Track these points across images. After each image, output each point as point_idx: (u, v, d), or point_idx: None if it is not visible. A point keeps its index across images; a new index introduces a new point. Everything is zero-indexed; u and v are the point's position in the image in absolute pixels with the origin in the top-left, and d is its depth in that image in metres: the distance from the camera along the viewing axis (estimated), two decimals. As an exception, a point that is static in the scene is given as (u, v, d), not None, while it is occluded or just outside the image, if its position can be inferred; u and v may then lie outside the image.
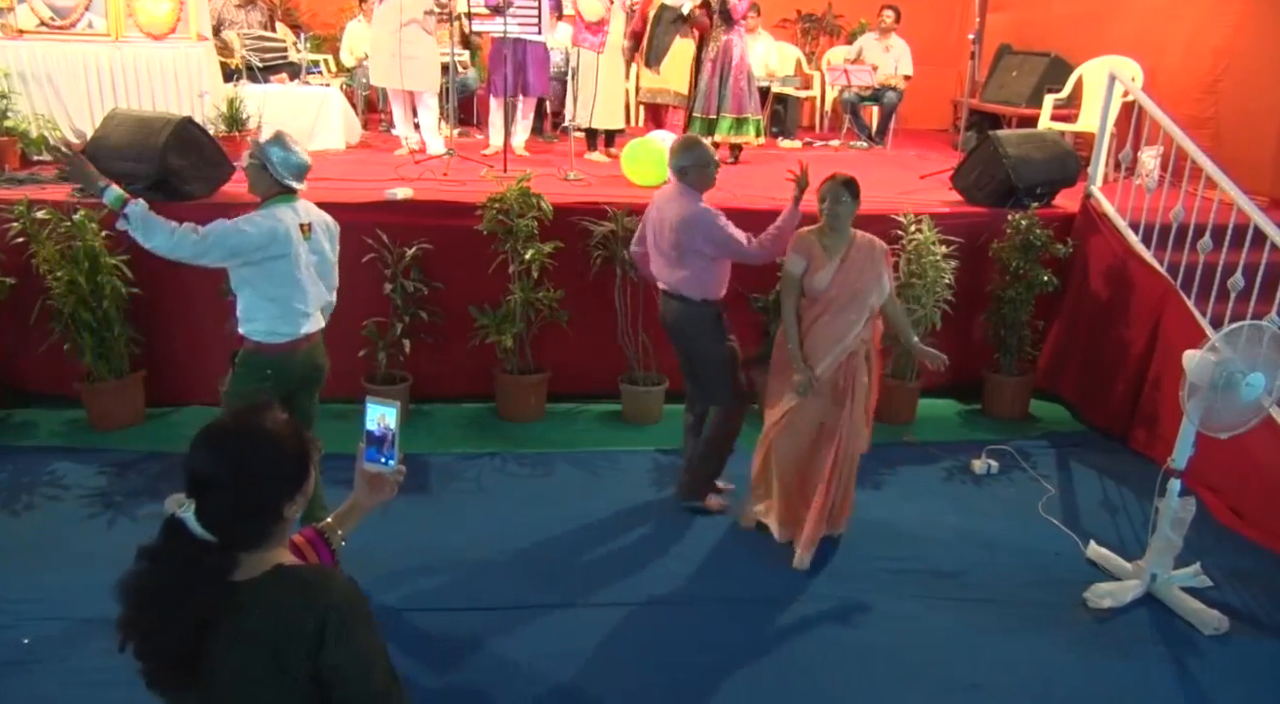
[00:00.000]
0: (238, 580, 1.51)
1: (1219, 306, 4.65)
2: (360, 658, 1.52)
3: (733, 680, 3.19)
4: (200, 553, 1.48)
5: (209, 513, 1.50)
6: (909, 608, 3.62)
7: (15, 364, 4.97)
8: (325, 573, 1.59)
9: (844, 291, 3.78)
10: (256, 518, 1.54)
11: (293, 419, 1.63)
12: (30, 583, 3.53)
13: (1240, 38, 6.61)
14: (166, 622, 1.46)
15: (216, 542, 1.50)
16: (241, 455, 1.53)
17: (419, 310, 4.93)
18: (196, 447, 1.55)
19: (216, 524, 1.50)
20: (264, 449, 1.55)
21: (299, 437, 1.61)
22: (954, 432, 5.31)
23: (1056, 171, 5.61)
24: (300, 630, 1.48)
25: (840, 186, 3.73)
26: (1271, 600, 3.76)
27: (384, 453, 1.79)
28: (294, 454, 1.58)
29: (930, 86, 9.62)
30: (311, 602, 1.50)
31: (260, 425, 1.57)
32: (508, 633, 3.37)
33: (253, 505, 1.53)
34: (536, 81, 6.86)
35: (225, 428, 1.58)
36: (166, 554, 1.49)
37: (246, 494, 1.52)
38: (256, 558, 1.54)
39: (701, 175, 3.88)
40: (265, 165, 3.28)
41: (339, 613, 1.50)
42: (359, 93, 8.36)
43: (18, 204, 4.61)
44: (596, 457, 4.77)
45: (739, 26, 6.81)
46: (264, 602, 1.50)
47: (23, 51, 6.09)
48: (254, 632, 1.48)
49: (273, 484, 1.55)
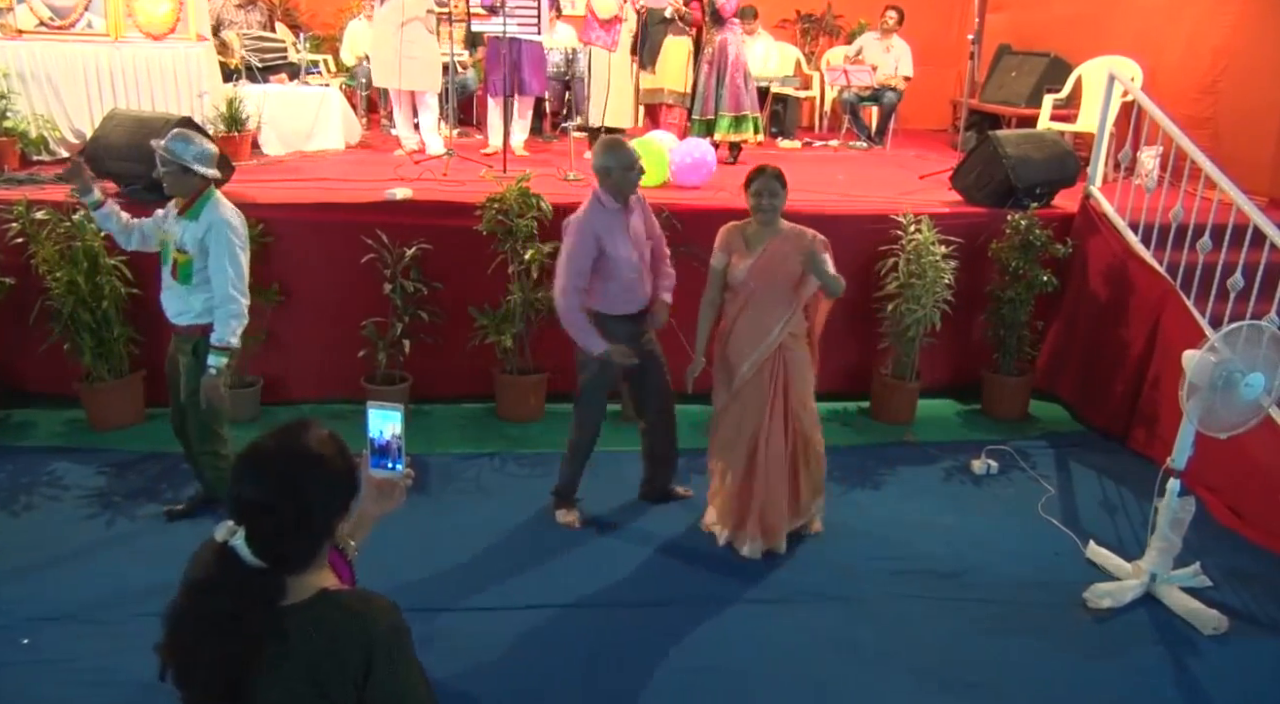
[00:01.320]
0: (284, 606, 1.49)
1: (1218, 306, 4.65)
2: (405, 688, 1.52)
3: (733, 680, 3.19)
4: (252, 580, 1.46)
5: (259, 539, 1.46)
6: (909, 608, 3.62)
7: (15, 364, 4.97)
8: (370, 601, 1.55)
9: (763, 283, 3.73)
10: (309, 540, 1.52)
11: (335, 433, 1.59)
12: (30, 583, 3.53)
13: (1239, 37, 6.61)
14: (214, 651, 1.44)
15: (267, 567, 1.47)
16: (292, 479, 1.50)
17: (419, 310, 4.93)
18: (243, 473, 1.51)
19: (269, 549, 1.47)
20: (314, 471, 1.51)
21: (344, 452, 1.58)
22: (953, 432, 5.31)
23: (1056, 171, 5.61)
24: (347, 661, 1.47)
25: (772, 180, 3.71)
26: (1271, 600, 3.77)
27: (391, 459, 1.74)
28: (343, 472, 1.55)
29: (930, 87, 9.61)
30: (359, 632, 1.49)
31: (307, 446, 1.53)
32: (508, 633, 3.37)
33: (306, 528, 1.50)
34: (533, 81, 6.86)
35: (271, 452, 1.53)
36: (217, 584, 1.46)
37: (299, 518, 1.49)
38: (303, 581, 1.51)
39: (624, 178, 3.69)
40: (185, 167, 3.40)
41: (385, 643, 1.50)
42: (359, 93, 8.36)
43: (17, 204, 4.61)
44: (596, 456, 4.75)
45: (732, 25, 6.82)
46: (311, 630, 1.48)
47: (22, 51, 6.08)
48: (300, 660, 1.46)
49: (325, 505, 1.53)
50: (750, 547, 3.89)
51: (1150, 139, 5.81)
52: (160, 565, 3.63)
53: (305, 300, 5.07)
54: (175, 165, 3.39)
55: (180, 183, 3.45)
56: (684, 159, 5.98)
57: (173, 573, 1.66)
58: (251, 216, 4.83)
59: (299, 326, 5.11)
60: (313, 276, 5.06)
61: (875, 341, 5.36)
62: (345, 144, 7.24)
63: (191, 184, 3.46)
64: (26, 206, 4.59)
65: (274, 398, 5.14)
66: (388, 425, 1.71)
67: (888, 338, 5.30)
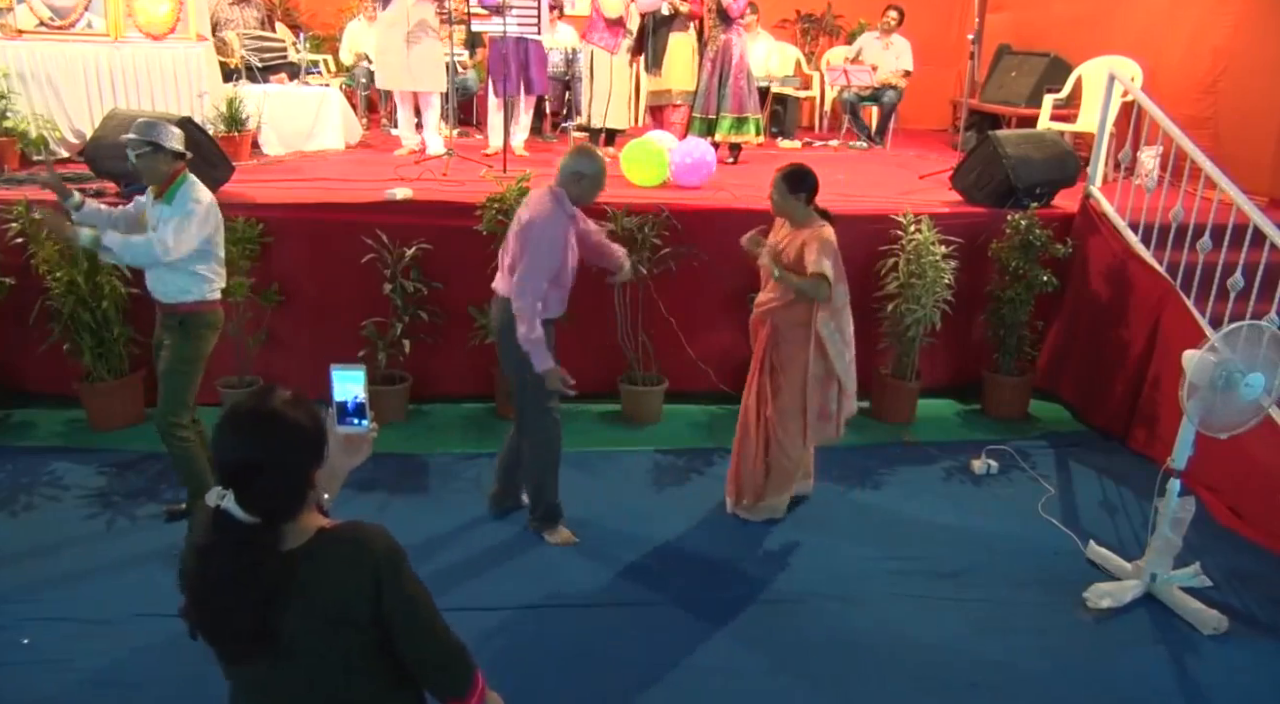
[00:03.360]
0: (287, 550, 1.62)
1: (1218, 306, 4.65)
2: (413, 596, 1.69)
3: (733, 680, 3.19)
4: (251, 534, 1.58)
5: (249, 496, 1.59)
6: (909, 608, 3.62)
7: (15, 364, 4.97)
8: (364, 529, 1.69)
9: (764, 274, 3.99)
10: (293, 490, 1.65)
11: (298, 391, 1.72)
12: (30, 583, 3.53)
13: (1239, 38, 6.61)
14: (236, 602, 1.58)
15: (261, 521, 1.59)
16: (268, 436, 1.63)
17: (419, 310, 4.93)
18: (223, 437, 1.64)
19: (258, 504, 1.60)
20: (286, 426, 1.64)
21: (307, 407, 1.70)
22: (953, 432, 5.32)
23: (1056, 171, 5.61)
24: (359, 585, 1.62)
25: (780, 178, 3.91)
26: (1271, 600, 3.77)
27: (357, 416, 1.83)
28: (311, 425, 1.68)
29: (929, 86, 9.62)
30: (362, 557, 1.64)
31: (275, 406, 1.65)
32: (508, 633, 3.38)
33: (288, 480, 1.63)
34: (536, 80, 6.86)
35: (245, 414, 1.66)
36: (221, 544, 1.59)
37: (280, 471, 1.62)
38: (297, 526, 1.65)
39: (594, 185, 3.64)
40: (155, 146, 3.46)
41: (388, 562, 1.65)
42: (359, 93, 8.36)
43: (17, 204, 4.61)
44: (596, 457, 4.77)
45: (737, 25, 6.82)
46: (319, 565, 1.62)
47: (22, 51, 6.09)
48: (316, 595, 1.60)
49: (301, 456, 1.66)
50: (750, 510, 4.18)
51: (1150, 139, 5.82)
52: (160, 565, 3.66)
53: (305, 300, 5.08)
54: (145, 146, 3.45)
55: (153, 166, 3.51)
56: (684, 159, 5.98)
57: (172, 573, 1.68)
58: (251, 216, 4.87)
59: (299, 326, 5.11)
60: (313, 276, 5.06)
61: (875, 341, 5.35)
62: (345, 144, 7.25)
63: (164, 168, 3.52)
64: (26, 206, 4.59)
65: (274, 398, 5.13)
66: (351, 386, 1.81)
67: (888, 338, 5.30)
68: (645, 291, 5.13)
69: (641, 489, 4.48)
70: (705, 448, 4.88)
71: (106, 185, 5.04)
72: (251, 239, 4.83)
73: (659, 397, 5.23)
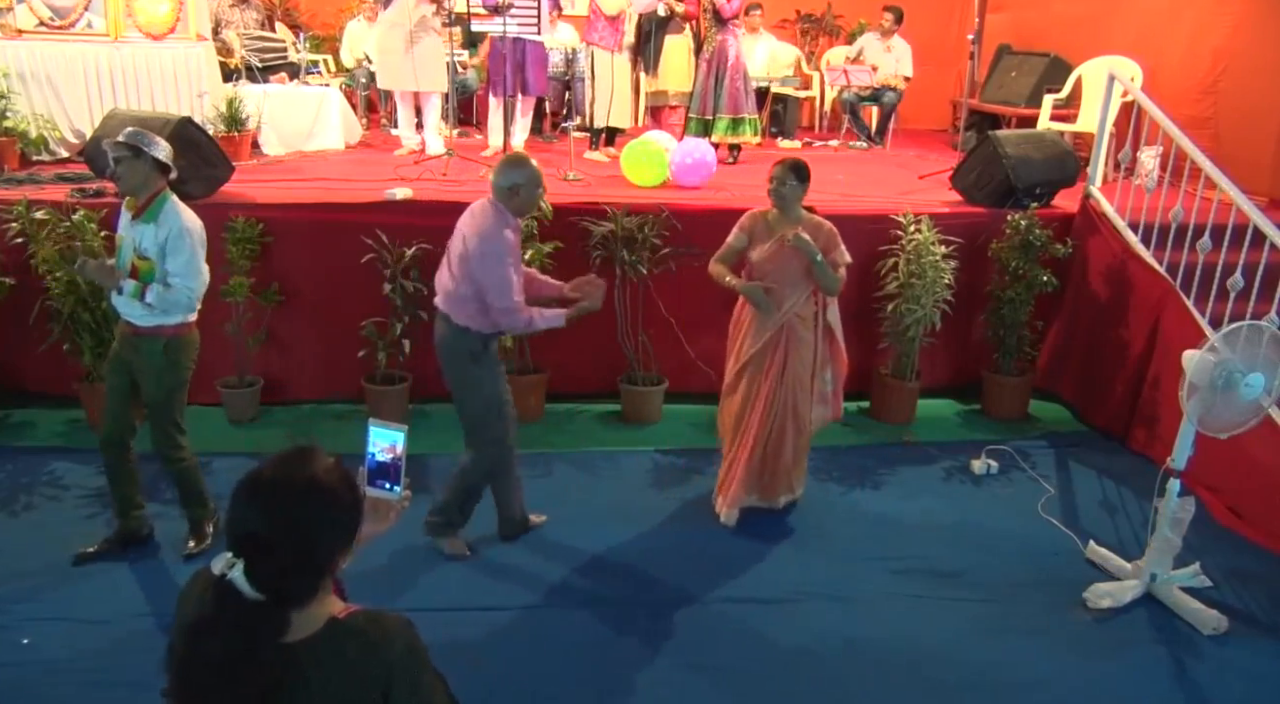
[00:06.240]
0: (295, 641, 1.42)
1: (1218, 306, 4.65)
2: (426, 697, 1.50)
3: (733, 680, 3.19)
4: (255, 616, 1.38)
5: (261, 571, 1.38)
6: (909, 608, 3.62)
7: (15, 364, 4.98)
8: (383, 624, 1.48)
9: (779, 269, 3.92)
10: (313, 572, 1.44)
11: (339, 461, 1.50)
12: (29, 583, 3.53)
13: (1239, 38, 6.61)
14: (227, 695, 1.37)
15: (267, 600, 1.39)
16: (293, 511, 1.41)
17: (419, 310, 4.92)
18: (241, 503, 1.42)
19: (269, 583, 1.39)
20: (317, 503, 1.43)
21: (350, 483, 1.50)
22: (953, 432, 5.31)
23: (1056, 171, 5.61)
24: (368, 689, 1.43)
25: (787, 170, 3.90)
26: (1271, 600, 3.77)
27: (389, 480, 1.68)
28: (348, 505, 1.48)
29: (930, 87, 9.61)
30: (376, 660, 1.44)
31: (311, 475, 1.44)
32: (508, 633, 3.38)
33: (311, 561, 1.42)
34: (535, 81, 6.86)
35: (273, 482, 1.44)
36: (219, 622, 1.37)
37: (300, 553, 1.41)
38: (308, 613, 1.44)
39: (531, 195, 3.53)
40: (137, 151, 3.28)
41: (403, 665, 1.46)
42: (359, 93, 8.36)
43: (17, 204, 4.61)
44: (596, 457, 4.77)
45: (733, 26, 6.82)
46: (326, 662, 1.42)
47: (22, 51, 6.09)
48: (319, 695, 1.41)
49: (328, 539, 1.45)
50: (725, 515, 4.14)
51: (1150, 139, 5.82)
52: (160, 565, 3.66)
53: (305, 300, 5.08)
54: (126, 151, 3.26)
55: (132, 174, 3.30)
56: (684, 159, 5.98)
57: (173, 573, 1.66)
58: (251, 216, 4.87)
59: (299, 326, 5.12)
60: (313, 276, 5.06)
61: (875, 341, 5.36)
62: (345, 144, 7.25)
63: (142, 180, 3.33)
64: (26, 206, 4.59)
65: (274, 398, 5.14)
66: (389, 445, 1.66)
67: (888, 338, 5.30)
68: (645, 291, 5.14)
69: (641, 489, 4.48)
70: (705, 448, 4.87)
71: (106, 185, 5.04)
72: (251, 239, 4.83)
73: (659, 396, 5.23)
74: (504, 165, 3.55)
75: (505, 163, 3.58)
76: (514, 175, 3.48)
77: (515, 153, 4.09)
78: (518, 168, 3.51)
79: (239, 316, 4.87)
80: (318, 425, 5.04)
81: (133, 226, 3.42)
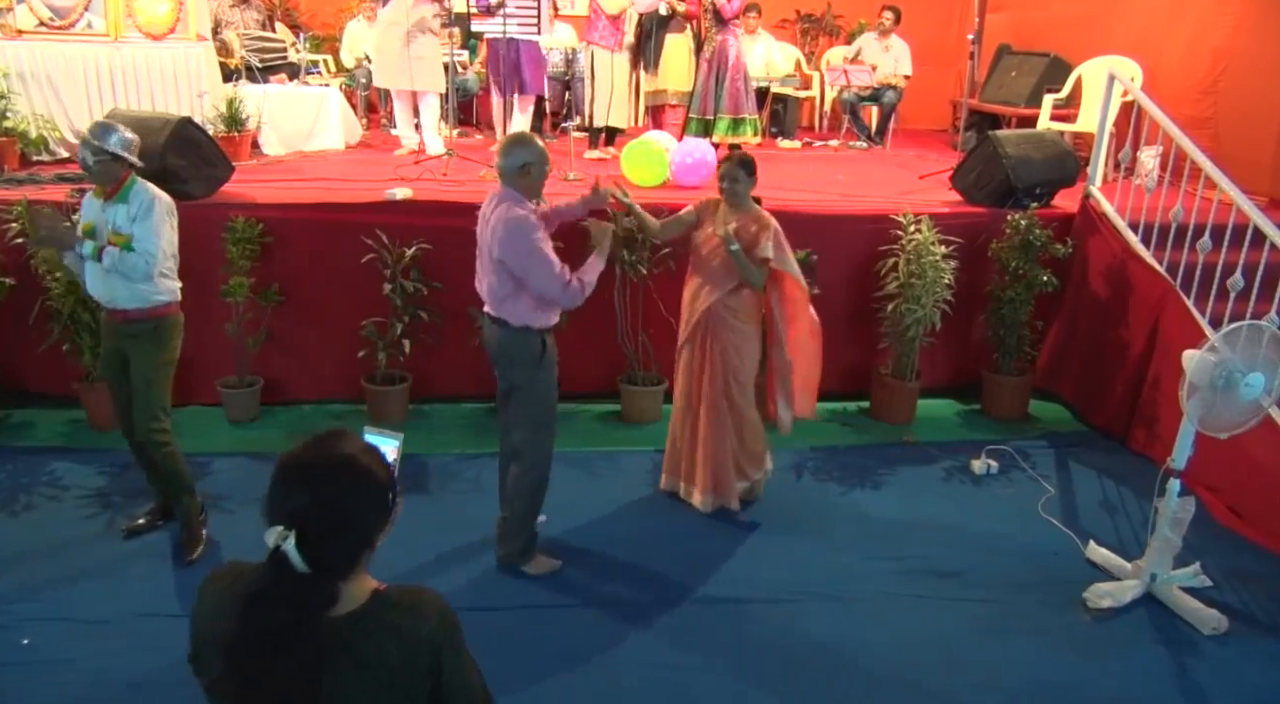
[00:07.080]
0: (343, 614, 1.47)
1: (1218, 306, 4.65)
2: (468, 667, 1.59)
3: (733, 680, 3.19)
4: (308, 589, 1.42)
5: (311, 544, 1.43)
6: (909, 608, 3.62)
7: (15, 364, 4.98)
8: (423, 596, 1.56)
9: (709, 258, 4.02)
10: (358, 545, 1.49)
11: (371, 445, 1.56)
12: (29, 583, 3.53)
13: (1239, 38, 6.61)
14: (282, 665, 1.40)
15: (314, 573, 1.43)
16: (335, 487, 1.46)
17: (419, 310, 4.93)
18: (282, 482, 1.47)
19: (318, 555, 1.43)
20: (357, 479, 1.48)
21: (383, 462, 1.55)
22: (953, 432, 5.31)
23: (1056, 171, 5.61)
24: (417, 654, 1.50)
25: (736, 166, 3.97)
26: (1271, 600, 3.77)
27: None
28: (384, 483, 1.52)
29: (930, 86, 9.61)
30: (424, 629, 1.51)
31: (348, 454, 1.49)
32: (508, 633, 3.38)
33: (350, 538, 1.48)
34: (532, 80, 6.86)
35: (313, 461, 1.49)
36: (275, 595, 1.41)
37: (344, 528, 1.46)
38: (352, 589, 1.50)
39: (541, 172, 3.43)
40: (115, 156, 3.49)
41: (446, 630, 1.54)
42: (359, 93, 8.36)
43: (17, 204, 4.61)
44: (596, 457, 4.77)
45: (733, 26, 6.82)
46: (375, 632, 1.48)
47: (22, 51, 6.09)
48: (370, 663, 1.46)
49: (369, 514, 1.50)
50: (702, 500, 4.20)
51: (1150, 139, 5.82)
52: (160, 565, 3.66)
53: (305, 300, 5.08)
54: (104, 155, 3.48)
55: (108, 171, 3.53)
56: (684, 159, 5.98)
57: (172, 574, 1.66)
58: (252, 217, 4.87)
59: (299, 326, 5.12)
60: (313, 276, 5.06)
61: (875, 341, 5.36)
62: (345, 144, 7.25)
63: (118, 171, 3.55)
64: (26, 206, 4.59)
65: (274, 398, 5.14)
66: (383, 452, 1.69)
67: (887, 338, 5.30)
68: (645, 291, 5.14)
69: (641, 489, 4.48)
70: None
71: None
72: (251, 239, 4.83)
73: (659, 396, 5.23)
74: (509, 145, 3.45)
75: (510, 142, 3.48)
76: (522, 153, 3.37)
77: (517, 132, 4.00)
78: (524, 146, 3.41)
79: (239, 317, 4.87)
80: (318, 425, 4.95)
81: (105, 210, 3.58)
